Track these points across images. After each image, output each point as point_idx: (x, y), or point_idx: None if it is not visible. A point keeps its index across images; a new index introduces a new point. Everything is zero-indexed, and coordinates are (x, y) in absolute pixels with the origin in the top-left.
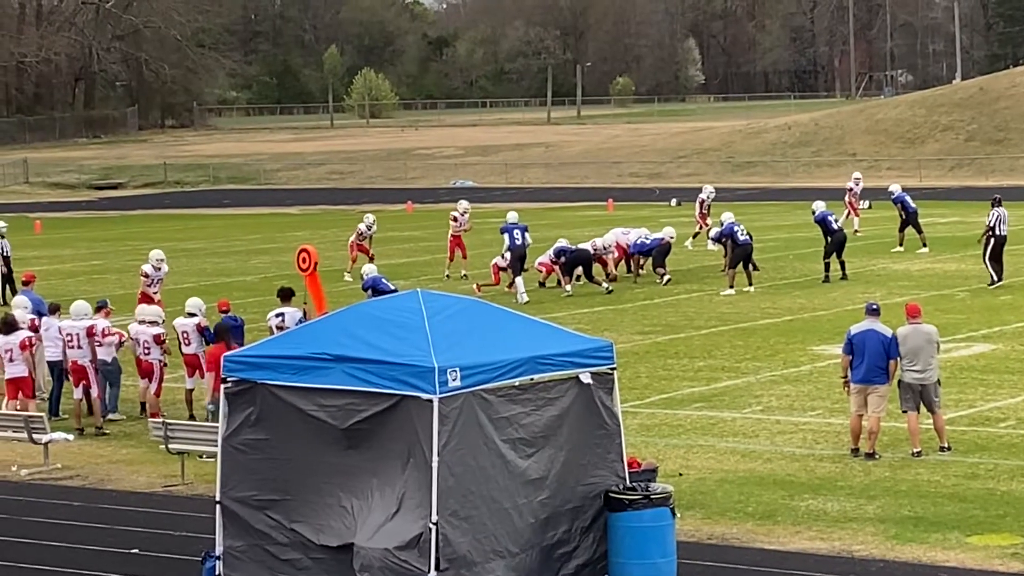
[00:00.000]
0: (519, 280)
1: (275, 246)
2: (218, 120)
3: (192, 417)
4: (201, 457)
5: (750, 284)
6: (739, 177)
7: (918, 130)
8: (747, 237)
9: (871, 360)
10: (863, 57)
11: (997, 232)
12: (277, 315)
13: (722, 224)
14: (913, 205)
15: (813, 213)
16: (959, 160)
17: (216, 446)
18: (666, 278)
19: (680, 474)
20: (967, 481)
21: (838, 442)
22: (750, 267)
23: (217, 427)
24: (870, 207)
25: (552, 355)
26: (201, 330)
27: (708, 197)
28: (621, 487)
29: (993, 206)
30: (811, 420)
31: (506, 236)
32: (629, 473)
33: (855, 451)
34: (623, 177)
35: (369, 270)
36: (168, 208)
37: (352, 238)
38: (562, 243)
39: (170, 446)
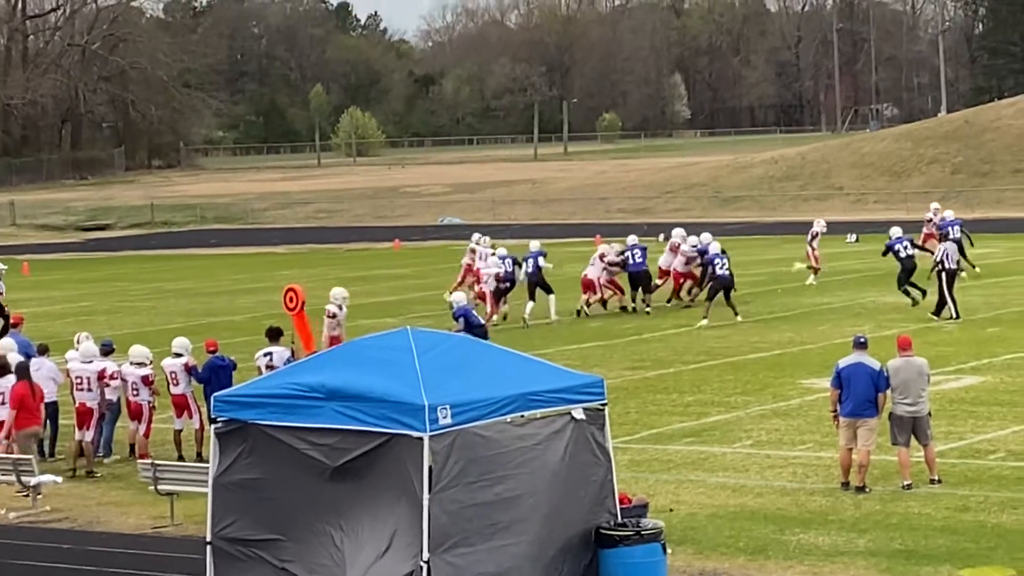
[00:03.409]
0: (531, 304)
1: (262, 285)
2: (205, 160)
3: (181, 458)
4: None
5: (736, 315)
6: (726, 212)
7: (904, 163)
8: (726, 272)
9: (860, 393)
10: (848, 91)
11: (946, 266)
12: (265, 354)
13: (706, 253)
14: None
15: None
16: (945, 193)
17: (206, 486)
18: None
19: (671, 509)
20: (958, 514)
21: (828, 476)
22: (731, 299)
23: (199, 467)
24: (857, 240)
25: (543, 391)
26: (189, 370)
27: (820, 231)
28: (612, 523)
29: (941, 240)
30: (801, 454)
31: (525, 263)
32: (620, 509)
33: (845, 485)
34: (611, 213)
35: (459, 299)
36: (155, 249)
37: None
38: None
39: (159, 487)
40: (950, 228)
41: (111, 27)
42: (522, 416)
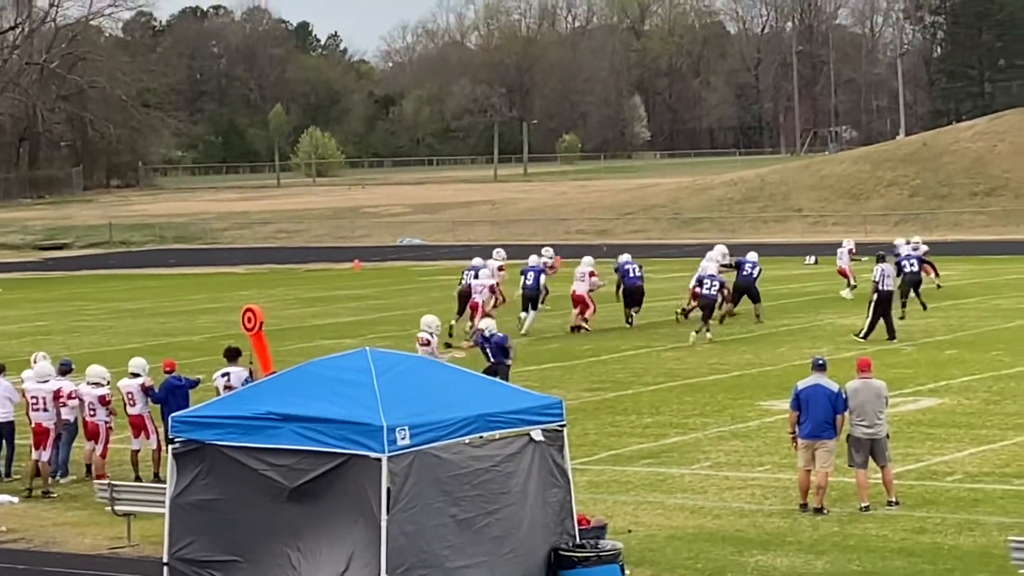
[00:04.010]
0: (531, 313)
1: (221, 305)
2: (164, 180)
3: (138, 478)
4: None
5: (628, 323)
6: (685, 233)
7: (863, 185)
8: (636, 278)
9: (818, 415)
10: (808, 113)
11: (882, 288)
12: (223, 375)
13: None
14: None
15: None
16: (904, 215)
17: (163, 507)
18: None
19: (629, 531)
20: (915, 535)
21: (787, 497)
22: (633, 309)
23: (156, 488)
24: (816, 262)
25: (501, 413)
26: (146, 390)
27: (851, 248)
28: (571, 544)
29: (877, 262)
30: (759, 476)
31: (522, 277)
32: (579, 530)
33: (803, 506)
34: (570, 234)
35: (489, 325)
36: (113, 268)
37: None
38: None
39: (116, 508)
40: (905, 261)
41: (70, 46)
42: (481, 437)
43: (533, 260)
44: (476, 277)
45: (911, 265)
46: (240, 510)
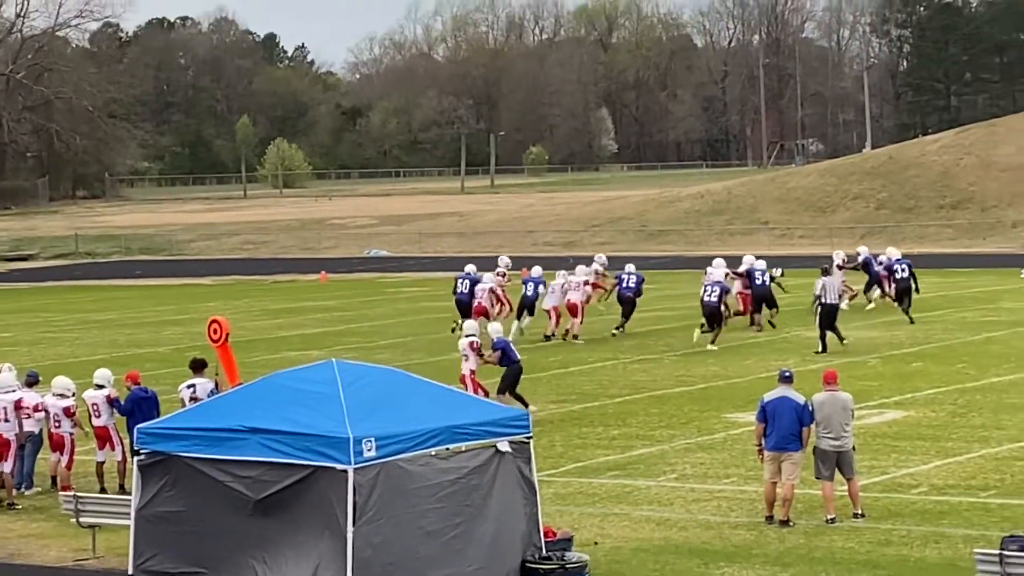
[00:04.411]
0: (525, 320)
1: (187, 317)
2: (130, 191)
3: (103, 490)
4: None
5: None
6: (652, 245)
7: (829, 198)
8: (627, 288)
9: (784, 427)
10: (774, 126)
11: (825, 300)
12: (189, 386)
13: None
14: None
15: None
16: (870, 228)
17: (128, 519)
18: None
19: (596, 543)
20: (881, 548)
21: (753, 510)
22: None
23: (122, 499)
24: (783, 275)
25: (468, 424)
26: (111, 401)
27: (840, 262)
28: (537, 556)
29: (822, 275)
30: (726, 488)
31: (525, 286)
32: (545, 542)
33: (769, 518)
34: (537, 246)
35: (496, 329)
36: (79, 279)
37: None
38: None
39: (81, 520)
40: (896, 265)
41: (36, 56)
42: (447, 449)
43: (536, 272)
44: (471, 284)
45: (902, 271)
46: (205, 522)
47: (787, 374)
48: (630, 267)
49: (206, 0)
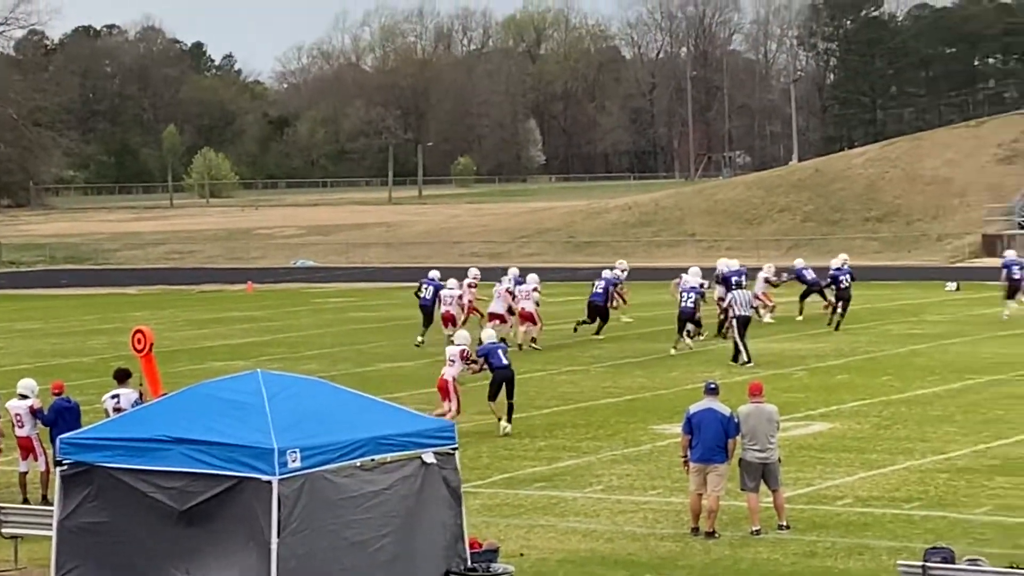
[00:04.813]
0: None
1: (113, 327)
2: (55, 199)
3: (26, 501)
4: None
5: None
6: (580, 257)
7: (756, 211)
8: (594, 294)
9: (710, 439)
10: (702, 138)
11: (737, 313)
12: (112, 396)
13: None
14: (811, 276)
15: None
16: (796, 240)
17: (51, 530)
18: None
19: (521, 554)
20: (805, 559)
21: (678, 521)
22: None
23: (44, 510)
24: (710, 286)
25: (394, 435)
26: (34, 412)
27: (768, 276)
28: (463, 568)
29: (729, 289)
30: (652, 499)
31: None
32: (471, 553)
33: (695, 530)
34: (464, 257)
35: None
36: (3, 288)
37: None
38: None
39: (3, 531)
40: (841, 276)
41: None
42: (372, 460)
43: (512, 272)
44: (435, 290)
45: (846, 281)
46: (129, 533)
47: (713, 386)
48: (606, 272)
49: (133, 8)
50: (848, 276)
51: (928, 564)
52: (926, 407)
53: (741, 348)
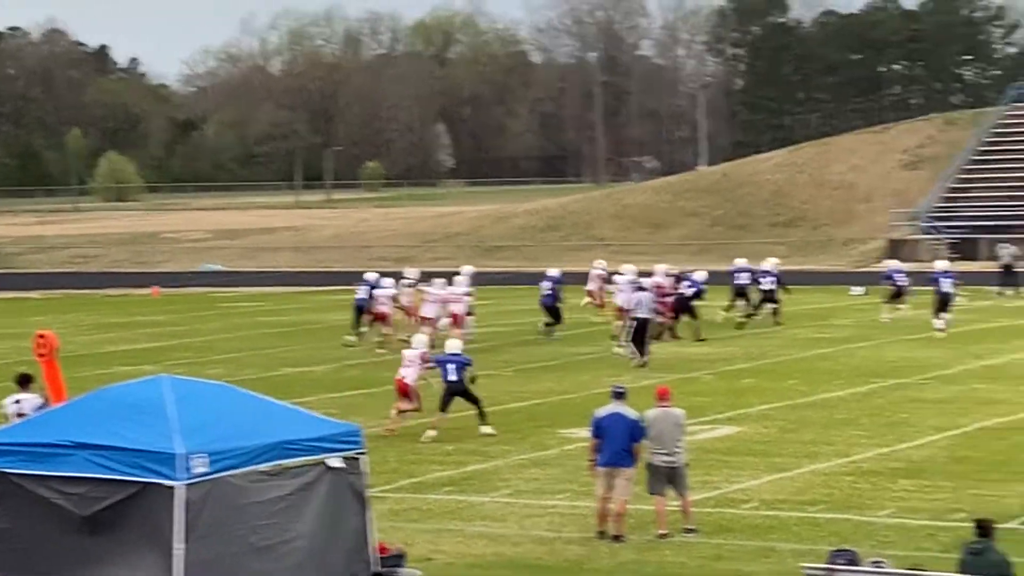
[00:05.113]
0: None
1: (15, 331)
2: None
3: None
4: None
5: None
6: (489, 261)
7: (664, 215)
8: (544, 295)
9: (617, 443)
10: (611, 143)
11: (637, 315)
12: (15, 401)
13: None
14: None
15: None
16: (704, 245)
17: None
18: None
19: (429, 559)
20: (712, 562)
21: (585, 525)
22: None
23: None
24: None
25: (300, 440)
26: None
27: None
28: (369, 573)
29: (634, 291)
30: (559, 503)
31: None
32: (377, 558)
33: (602, 534)
34: (372, 261)
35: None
36: None
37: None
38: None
39: None
40: (763, 278)
41: None
42: (279, 465)
43: (466, 270)
44: (370, 290)
45: (769, 283)
46: (31, 539)
47: (620, 390)
48: (552, 272)
49: (36, 10)
50: (773, 279)
51: (832, 566)
52: (832, 410)
53: (635, 348)
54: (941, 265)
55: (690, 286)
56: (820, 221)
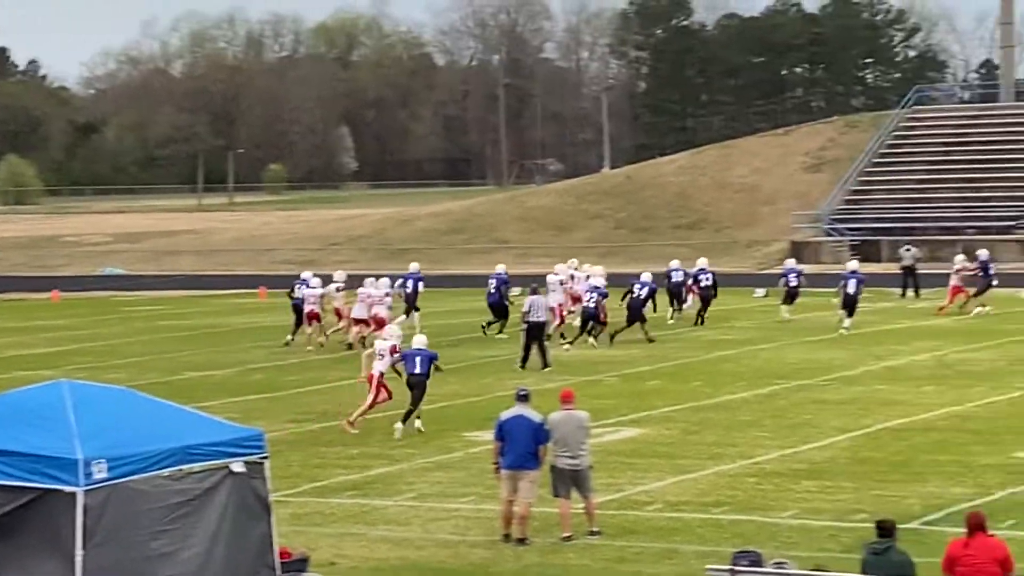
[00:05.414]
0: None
1: None
2: None
3: None
4: None
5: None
6: (393, 264)
7: (568, 218)
8: (490, 293)
9: (521, 446)
10: (514, 146)
11: (531, 319)
12: None
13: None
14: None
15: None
16: (609, 248)
17: None
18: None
19: (332, 563)
20: (616, 564)
21: (490, 528)
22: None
23: None
24: (521, 294)
25: (202, 445)
26: None
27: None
28: None
29: (530, 294)
30: (463, 506)
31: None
32: (280, 563)
33: (506, 537)
34: (275, 264)
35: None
36: None
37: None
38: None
39: None
40: (701, 275)
41: None
42: (180, 470)
43: (413, 267)
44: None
45: (706, 280)
46: None
47: (524, 393)
48: (501, 267)
49: None
50: (709, 276)
51: (736, 568)
52: (735, 412)
53: (521, 353)
54: (852, 265)
55: (641, 287)
56: (723, 223)
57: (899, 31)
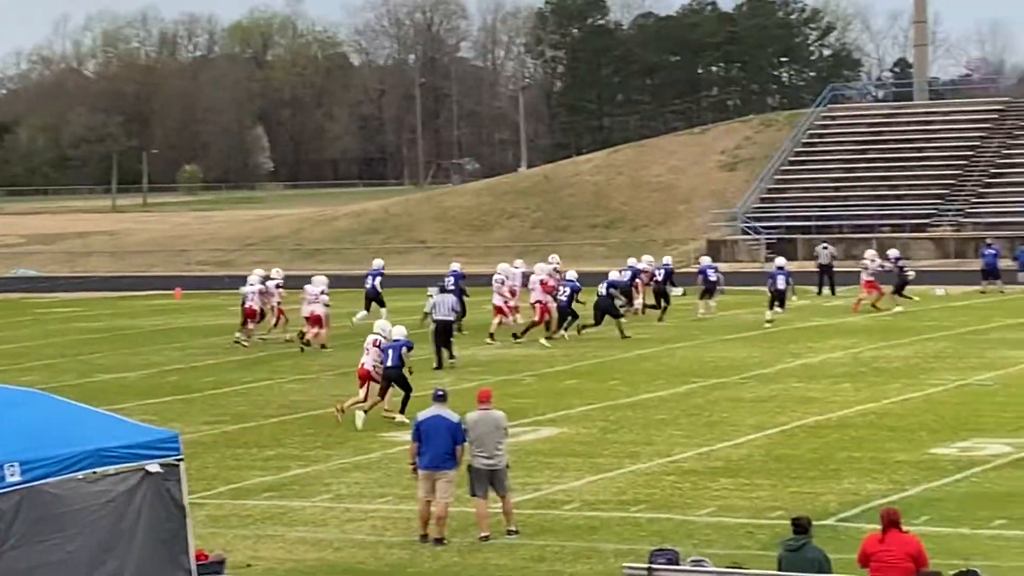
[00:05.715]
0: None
1: None
2: None
3: None
4: None
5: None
6: (309, 264)
7: (485, 217)
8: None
9: (438, 446)
10: (431, 145)
11: (436, 317)
12: None
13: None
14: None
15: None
16: (526, 247)
17: None
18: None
19: (249, 565)
20: (534, 564)
21: (408, 528)
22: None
23: None
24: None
25: (117, 447)
26: None
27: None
28: None
29: (440, 292)
30: (381, 507)
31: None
32: (197, 565)
33: (424, 537)
34: (191, 265)
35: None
36: None
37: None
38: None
39: None
40: (656, 271)
41: None
42: (95, 472)
43: (376, 263)
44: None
45: (660, 275)
46: None
47: (441, 393)
48: (455, 265)
49: None
50: (663, 272)
51: (653, 566)
52: (652, 411)
53: (433, 353)
54: (779, 261)
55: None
56: (640, 222)
57: (814, 30)
